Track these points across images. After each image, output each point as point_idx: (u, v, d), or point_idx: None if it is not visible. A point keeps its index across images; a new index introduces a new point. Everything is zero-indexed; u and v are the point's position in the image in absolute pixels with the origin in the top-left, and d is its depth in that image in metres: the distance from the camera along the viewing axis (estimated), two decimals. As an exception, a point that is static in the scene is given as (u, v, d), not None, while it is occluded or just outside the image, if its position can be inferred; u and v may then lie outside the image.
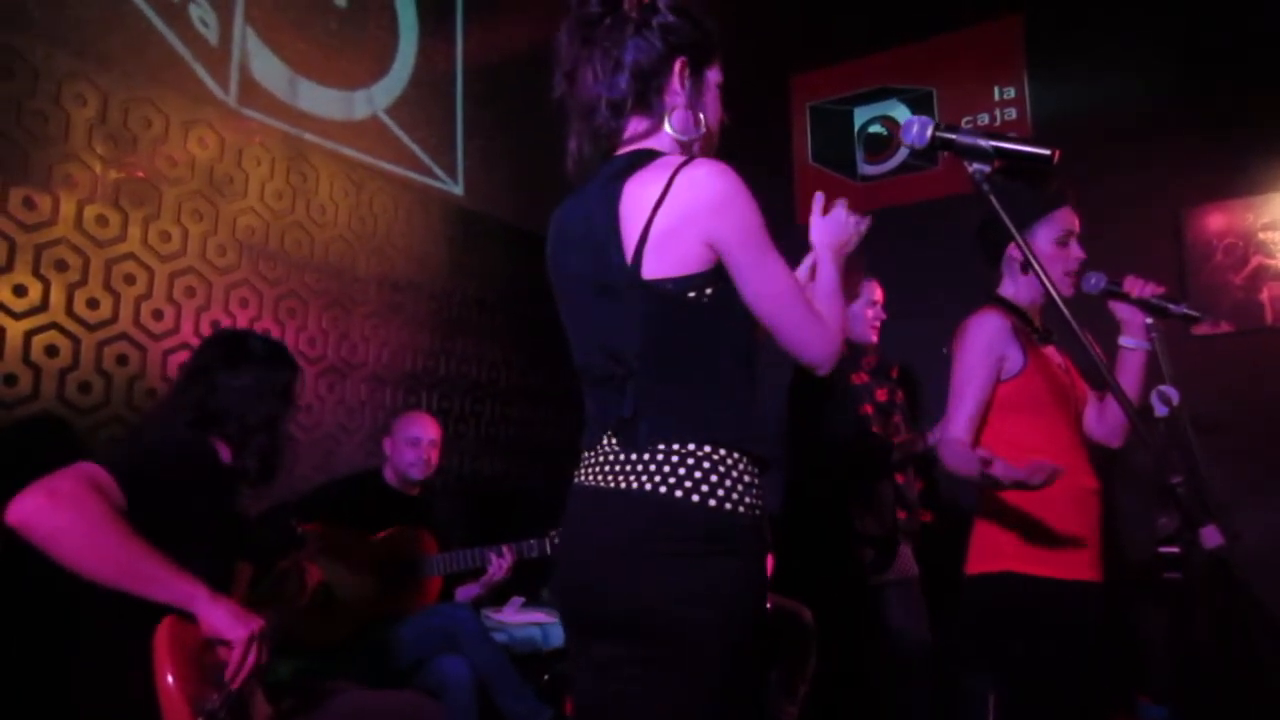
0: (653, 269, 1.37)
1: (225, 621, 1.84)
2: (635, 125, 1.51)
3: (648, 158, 1.46)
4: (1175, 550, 2.17)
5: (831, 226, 1.66)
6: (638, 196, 1.40)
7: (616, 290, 1.41)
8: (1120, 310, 2.26)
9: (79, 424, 2.71)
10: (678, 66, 1.51)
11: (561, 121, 1.58)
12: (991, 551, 2.13)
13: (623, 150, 1.51)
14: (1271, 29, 4.01)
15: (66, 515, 1.70)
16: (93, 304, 2.77)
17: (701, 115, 1.53)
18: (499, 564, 3.28)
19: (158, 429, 2.13)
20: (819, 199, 1.74)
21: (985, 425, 2.20)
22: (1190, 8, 4.22)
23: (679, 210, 1.37)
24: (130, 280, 2.88)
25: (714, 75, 1.57)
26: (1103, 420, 2.34)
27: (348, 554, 3.08)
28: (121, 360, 2.83)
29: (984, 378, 2.15)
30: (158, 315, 2.94)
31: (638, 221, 1.38)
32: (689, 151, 1.51)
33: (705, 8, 1.57)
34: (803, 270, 1.77)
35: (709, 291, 1.39)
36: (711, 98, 1.57)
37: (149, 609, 1.77)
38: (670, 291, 1.37)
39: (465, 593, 3.41)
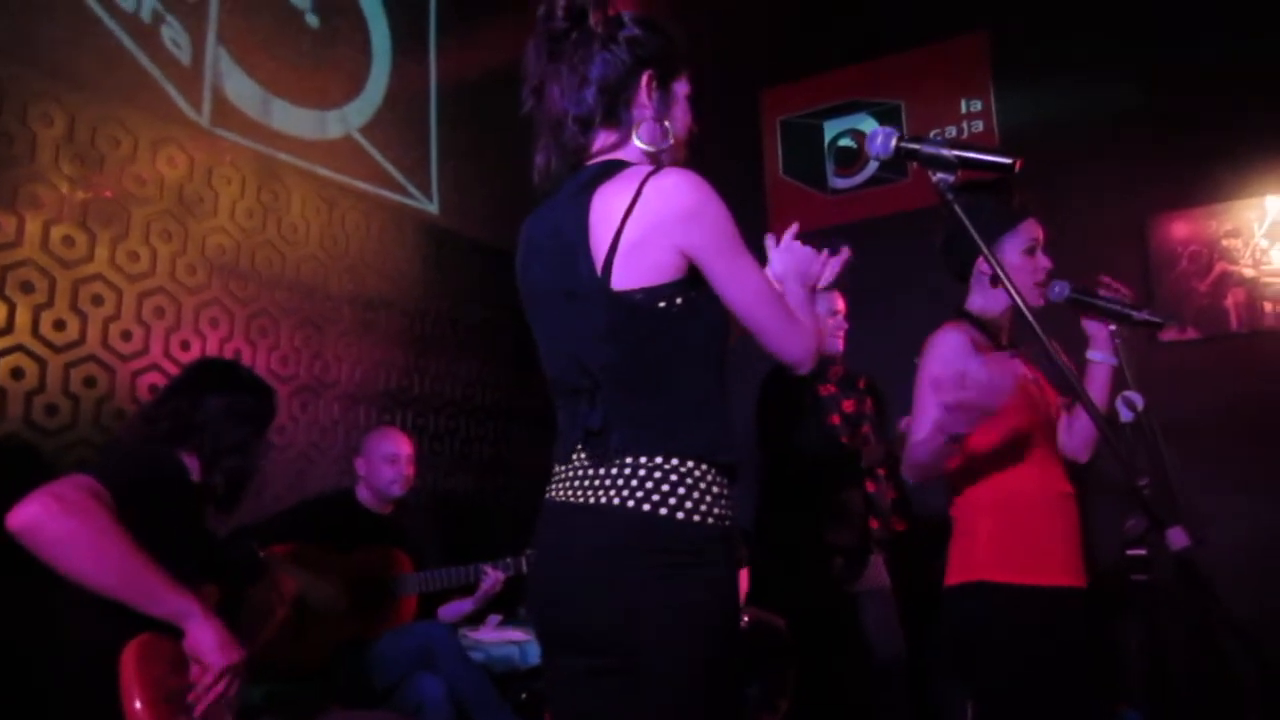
0: (622, 279, 1.38)
1: (211, 645, 1.83)
2: (604, 138, 1.52)
3: (616, 168, 1.46)
4: (1142, 552, 2.18)
5: (789, 259, 1.65)
6: (607, 206, 1.40)
7: (586, 301, 1.41)
8: (1088, 326, 2.29)
9: (46, 447, 2.67)
10: (644, 79, 1.52)
11: (531, 136, 1.58)
12: (966, 562, 2.13)
13: (592, 162, 1.52)
14: (1230, 41, 4.08)
15: (72, 522, 1.71)
16: (59, 325, 2.74)
17: (669, 126, 1.54)
18: (495, 577, 3.28)
19: (133, 442, 2.12)
20: (770, 239, 1.74)
21: None
22: (1152, 21, 4.29)
23: (648, 219, 1.37)
24: (98, 301, 2.85)
25: (682, 87, 1.58)
26: (1071, 434, 2.35)
27: (321, 574, 3.05)
28: (89, 382, 2.80)
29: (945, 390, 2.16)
30: (126, 336, 2.92)
31: (607, 232, 1.39)
32: (657, 162, 1.51)
33: (674, 21, 1.58)
34: None
35: (679, 301, 1.39)
36: (680, 109, 1.58)
37: (128, 627, 1.76)
38: (640, 302, 1.38)
39: (454, 609, 3.39)
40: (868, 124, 5.18)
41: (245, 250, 3.35)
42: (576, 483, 1.43)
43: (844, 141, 5.26)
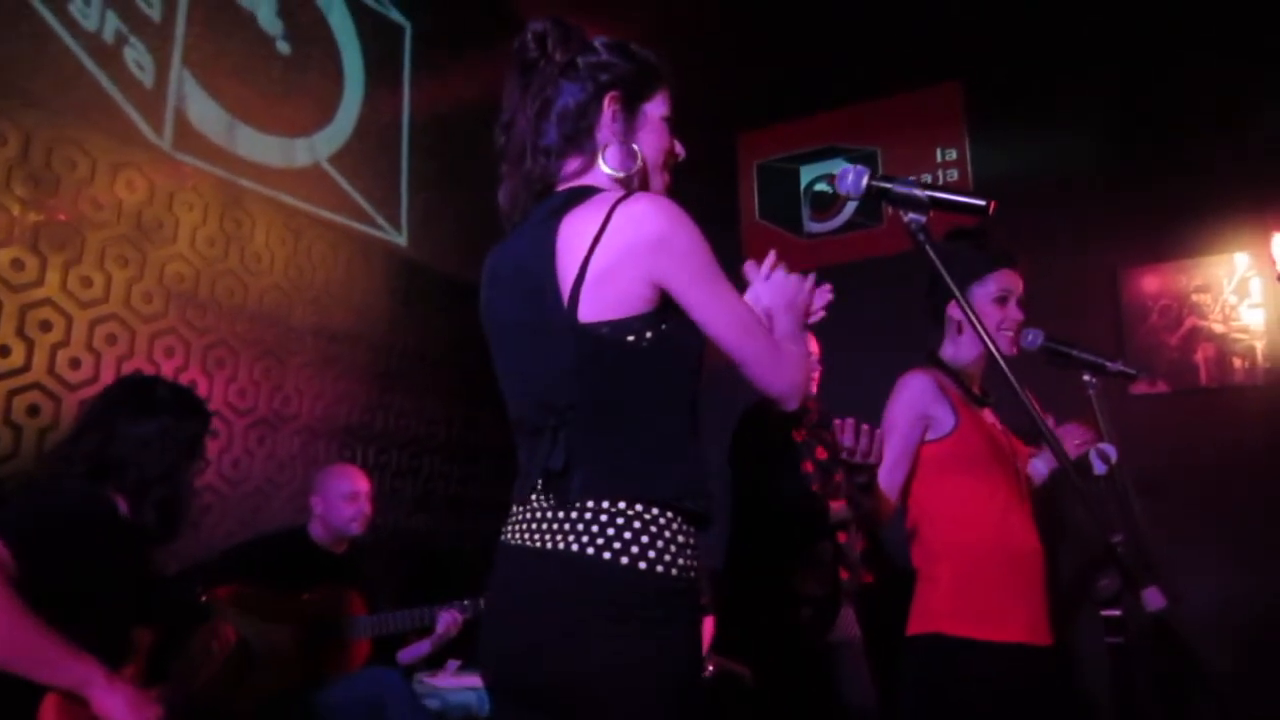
0: (589, 311, 1.31)
1: (119, 710, 1.73)
2: (569, 165, 1.47)
3: (585, 194, 1.40)
4: (1117, 613, 2.13)
5: (775, 289, 1.59)
6: (574, 234, 1.34)
7: (551, 334, 1.34)
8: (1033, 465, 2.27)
9: (-16, 477, 2.57)
10: (607, 102, 1.47)
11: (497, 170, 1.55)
12: (924, 612, 2.12)
13: (560, 189, 1.47)
14: (1202, 97, 4.14)
15: None
16: (3, 351, 2.64)
17: (637, 149, 1.48)
18: (451, 618, 3.17)
19: (50, 482, 2.00)
20: (750, 266, 1.68)
21: (921, 484, 2.19)
22: (1125, 77, 4.36)
23: (618, 248, 1.31)
24: (46, 327, 2.75)
25: (654, 108, 1.53)
26: None
27: (270, 614, 2.94)
28: (33, 411, 2.70)
29: (905, 435, 2.16)
30: (75, 364, 2.82)
31: (574, 261, 1.32)
32: (628, 187, 1.46)
33: (650, 46, 1.55)
34: None
35: (648, 335, 1.32)
36: (651, 131, 1.52)
37: (31, 696, 1.65)
38: (607, 335, 1.31)
39: (412, 652, 3.28)
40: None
41: (205, 279, 3.27)
42: (534, 525, 1.35)
43: (820, 186, 5.28)
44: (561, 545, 1.29)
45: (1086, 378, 2.19)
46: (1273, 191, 3.98)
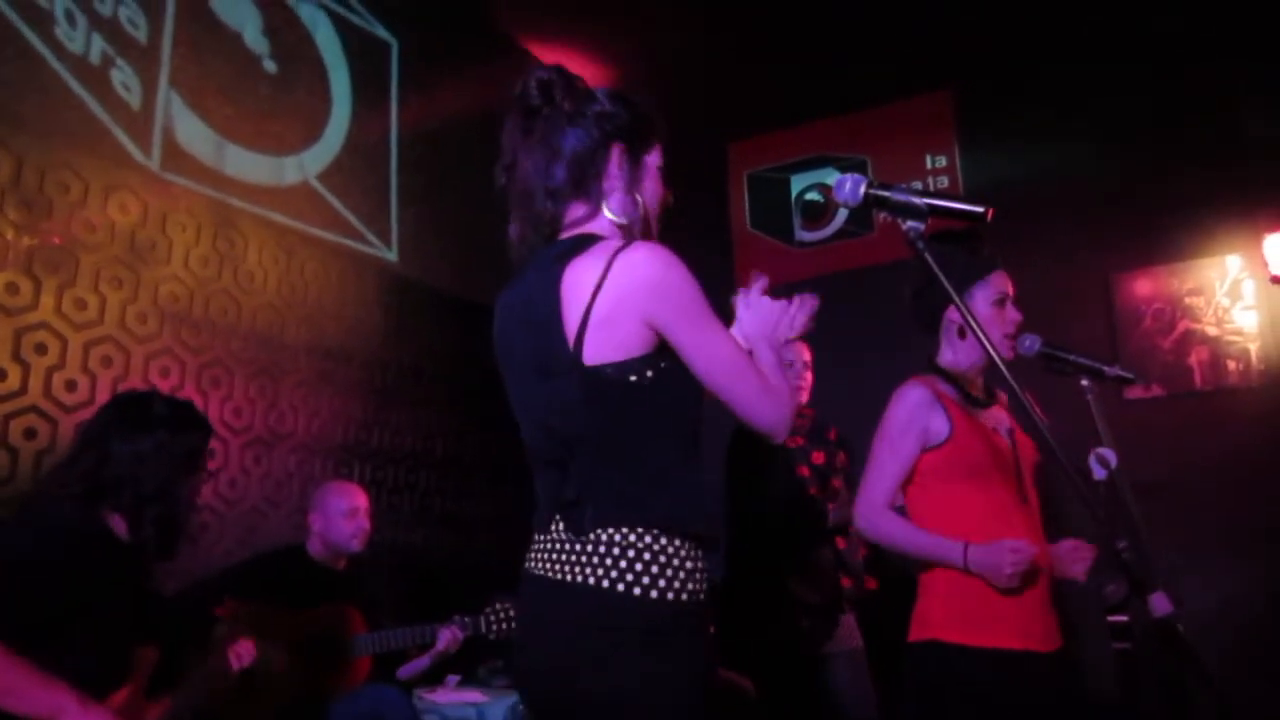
0: (593, 353, 1.40)
1: None
2: (574, 211, 1.55)
3: (587, 242, 1.48)
4: (1124, 619, 2.13)
5: (757, 319, 1.66)
6: (577, 281, 1.42)
7: (558, 374, 1.43)
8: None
9: (-20, 502, 2.55)
10: (615, 153, 1.55)
11: (503, 209, 1.61)
12: (923, 619, 2.12)
13: (564, 235, 1.54)
14: (1192, 104, 4.16)
15: None
16: (-1, 375, 2.63)
17: (639, 198, 1.57)
18: (450, 636, 3.16)
19: (39, 509, 1.98)
20: (739, 298, 1.73)
21: (918, 492, 2.19)
22: (1114, 81, 4.38)
23: (617, 294, 1.39)
24: (41, 350, 2.74)
25: (653, 159, 1.61)
26: None
27: (270, 633, 2.92)
28: (29, 433, 2.69)
29: (901, 447, 2.16)
30: (71, 386, 2.81)
31: (578, 306, 1.41)
32: (629, 234, 1.55)
33: (643, 84, 1.58)
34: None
35: (649, 374, 1.41)
36: (650, 180, 1.61)
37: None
38: (610, 376, 1.40)
39: (411, 668, 3.26)
40: (834, 178, 5.20)
41: (199, 298, 3.26)
42: (554, 556, 1.45)
43: (811, 195, 5.29)
44: (580, 578, 1.40)
45: (1084, 383, 2.19)
46: (1263, 193, 4.01)
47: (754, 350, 1.60)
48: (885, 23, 4.73)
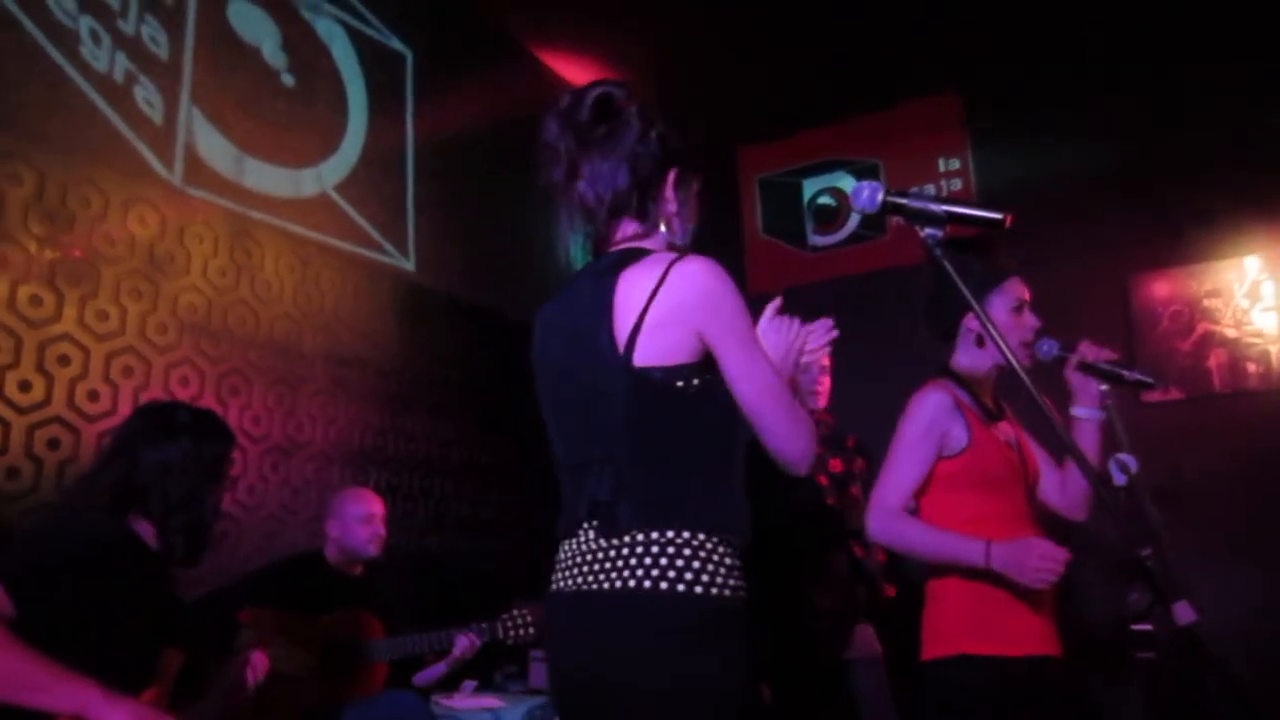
0: (643, 357, 1.42)
1: None
2: (627, 227, 1.59)
3: (639, 255, 1.52)
4: (1148, 628, 2.12)
5: (772, 348, 1.63)
6: (632, 288, 1.45)
7: (605, 377, 1.45)
8: (1073, 379, 2.24)
9: (5, 511, 2.58)
10: (672, 176, 1.60)
11: (518, 201, 1.60)
12: (944, 635, 2.09)
13: (614, 249, 1.58)
14: (1208, 104, 4.13)
15: None
16: (24, 386, 2.66)
17: (690, 224, 1.64)
18: (467, 643, 3.17)
19: (65, 515, 2.01)
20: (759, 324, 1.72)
21: (930, 501, 2.18)
22: (1130, 79, 4.34)
23: (672, 302, 1.42)
24: (64, 361, 2.78)
25: (696, 184, 1.67)
26: (1065, 492, 2.30)
27: (290, 637, 2.95)
28: (53, 444, 2.72)
29: (921, 452, 2.15)
30: (93, 396, 2.84)
31: (632, 312, 1.43)
32: (679, 252, 1.55)
33: (653, 89, 1.61)
34: None
35: (695, 382, 1.43)
36: (694, 205, 1.66)
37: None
38: (658, 380, 1.42)
39: (427, 675, 3.28)
40: (846, 182, 5.21)
41: (217, 309, 3.29)
42: (586, 564, 1.44)
43: (823, 199, 5.29)
44: (618, 584, 1.38)
45: (1103, 387, 2.18)
46: (1283, 193, 3.97)
47: None
48: (896, 24, 4.72)
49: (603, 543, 1.42)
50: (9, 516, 2.59)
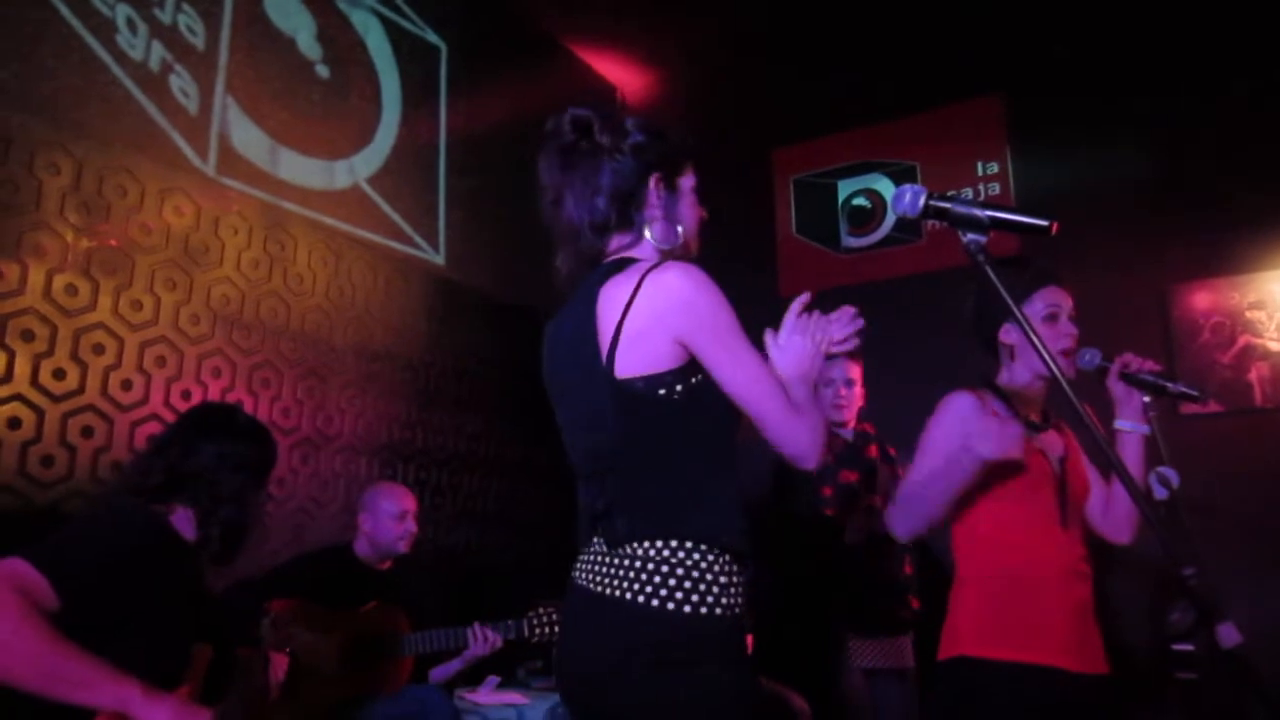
0: (625, 368, 1.44)
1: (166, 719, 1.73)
2: (618, 240, 1.61)
3: (624, 265, 1.54)
4: (1190, 648, 2.06)
5: (788, 357, 1.62)
6: (610, 300, 1.48)
7: (594, 389, 1.47)
8: (1116, 389, 2.18)
9: (39, 498, 2.60)
10: (652, 183, 1.60)
11: (537, 193, 1.67)
12: (952, 636, 2.06)
13: (606, 260, 1.60)
14: (1250, 111, 4.05)
15: None
16: (59, 374, 2.68)
17: (680, 226, 1.63)
18: (484, 639, 3.17)
19: (109, 507, 2.02)
20: (770, 334, 1.69)
21: (960, 504, 2.12)
22: (1172, 85, 4.26)
23: (648, 311, 1.44)
24: (99, 350, 2.80)
25: (687, 182, 1.67)
26: (1109, 513, 2.22)
27: (320, 629, 2.96)
28: (87, 432, 2.74)
29: (942, 453, 2.08)
30: (126, 385, 2.86)
31: (610, 323, 1.46)
32: (671, 257, 1.58)
33: (687, 88, 1.60)
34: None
35: (679, 389, 1.44)
36: (687, 203, 1.66)
37: (82, 715, 1.66)
38: (641, 390, 1.43)
39: (443, 670, 3.28)
40: (882, 184, 5.15)
41: (250, 300, 3.31)
42: (594, 570, 1.48)
43: (858, 201, 5.23)
44: (618, 593, 1.42)
45: (1145, 399, 2.12)
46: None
47: (789, 388, 1.56)
48: (935, 25, 4.67)
49: (608, 555, 1.46)
50: (42, 504, 2.61)
